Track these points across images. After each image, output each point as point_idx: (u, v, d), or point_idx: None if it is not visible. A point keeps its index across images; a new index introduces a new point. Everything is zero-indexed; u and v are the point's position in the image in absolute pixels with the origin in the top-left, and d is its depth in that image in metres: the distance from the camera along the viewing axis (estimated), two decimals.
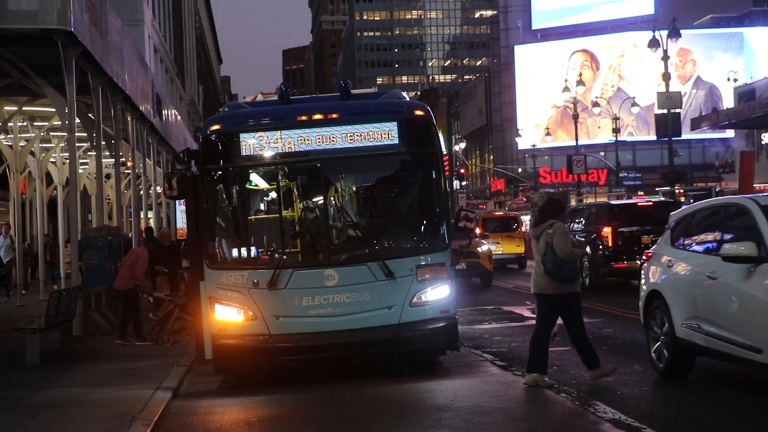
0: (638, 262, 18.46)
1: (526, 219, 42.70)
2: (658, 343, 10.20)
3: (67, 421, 8.91)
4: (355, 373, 11.17)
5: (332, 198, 11.26)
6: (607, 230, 21.89)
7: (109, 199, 33.44)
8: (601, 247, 21.90)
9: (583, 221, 23.91)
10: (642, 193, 62.85)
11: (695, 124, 33.01)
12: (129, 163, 23.32)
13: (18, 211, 26.22)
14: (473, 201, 79.14)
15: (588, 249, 21.93)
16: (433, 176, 11.12)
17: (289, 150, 10.90)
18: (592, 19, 79.87)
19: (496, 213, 43.41)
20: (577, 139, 52.00)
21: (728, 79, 61.52)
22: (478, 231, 32.81)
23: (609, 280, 22.22)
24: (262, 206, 12.38)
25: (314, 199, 11.41)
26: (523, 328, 15.60)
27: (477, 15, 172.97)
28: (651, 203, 24.54)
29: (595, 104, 56.65)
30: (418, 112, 11.07)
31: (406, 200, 11.85)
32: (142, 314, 15.36)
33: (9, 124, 22.71)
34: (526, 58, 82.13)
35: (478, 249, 24.88)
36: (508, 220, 36.12)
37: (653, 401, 9.11)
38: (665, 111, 32.45)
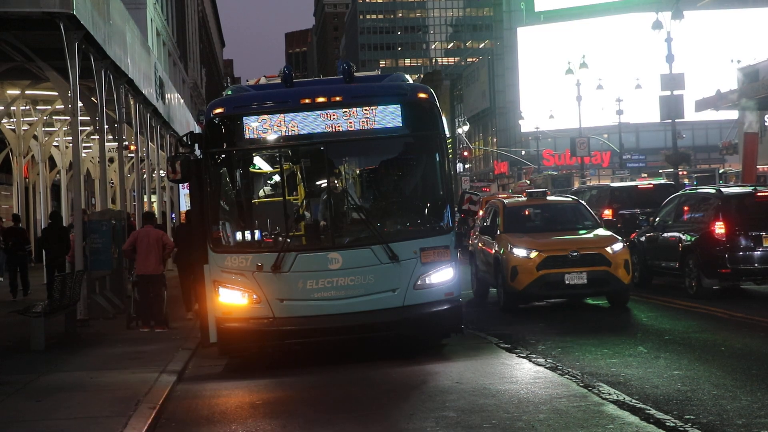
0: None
1: None
2: None
3: (73, 405, 8.93)
4: (360, 356, 11.18)
5: (336, 181, 11.23)
6: (607, 212, 21.92)
7: (112, 183, 33.41)
8: None
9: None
10: (645, 175, 62.78)
11: (700, 106, 32.83)
12: (132, 147, 23.31)
13: (21, 196, 26.21)
14: (477, 184, 79.09)
15: None
16: (437, 159, 11.09)
17: (293, 133, 10.85)
18: (595, 0, 79.47)
19: (500, 195, 43.24)
20: (580, 122, 51.85)
21: (731, 60, 61.23)
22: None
23: None
24: (265, 189, 12.35)
25: (318, 182, 11.38)
26: (527, 310, 15.61)
27: None
28: (651, 186, 24.50)
29: (599, 86, 56.41)
30: (422, 95, 11.02)
31: (410, 183, 11.83)
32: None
33: (12, 107, 22.68)
34: (529, 40, 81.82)
35: (607, 249, 14.98)
36: None
37: (657, 382, 9.10)
38: (669, 92, 32.29)
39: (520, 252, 15.01)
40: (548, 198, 17.62)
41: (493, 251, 15.91)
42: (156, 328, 14.35)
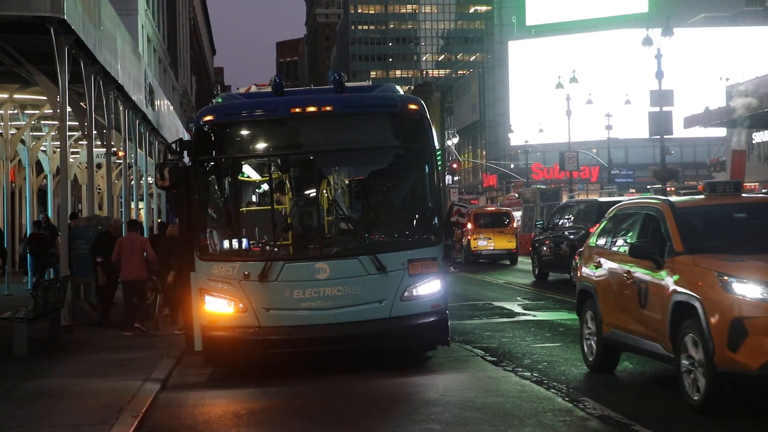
0: None
1: (517, 215, 42.72)
2: None
3: (55, 412, 8.86)
4: (346, 367, 11.15)
5: (325, 191, 11.22)
6: (595, 227, 21.96)
7: (99, 189, 33.26)
8: None
9: (572, 218, 24.07)
10: (633, 190, 62.95)
11: (689, 123, 33.06)
12: (120, 153, 23.18)
13: (8, 200, 26.07)
14: (465, 196, 79.18)
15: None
16: (426, 170, 11.09)
17: (282, 142, 10.84)
18: (586, 16, 79.89)
19: (488, 208, 43.38)
20: (569, 136, 52.02)
21: (720, 78, 61.64)
22: (469, 226, 32.87)
23: None
24: (254, 198, 12.34)
25: (306, 192, 11.36)
26: (514, 323, 15.60)
27: (471, 10, 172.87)
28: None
29: (588, 101, 56.66)
30: (412, 106, 11.04)
31: (399, 194, 11.83)
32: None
33: (0, 111, 22.56)
34: (520, 53, 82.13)
35: None
36: (500, 215, 36.13)
37: (643, 398, 9.10)
38: (658, 108, 32.47)
39: (752, 290, 7.85)
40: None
41: (668, 289, 8.65)
42: (132, 330, 14.47)
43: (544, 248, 25.10)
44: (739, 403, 8.08)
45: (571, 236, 23.15)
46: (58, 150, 21.62)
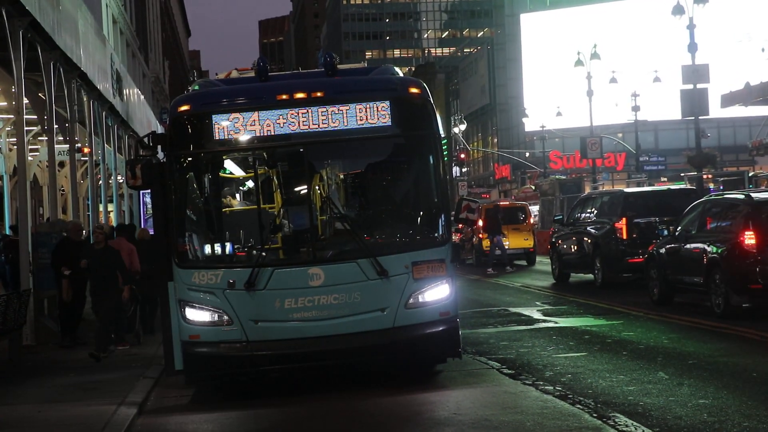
0: None
1: (534, 209, 42.77)
2: None
3: None
4: (345, 384, 11.19)
5: (317, 187, 11.26)
6: (621, 222, 22.06)
7: (63, 191, 33.32)
8: (615, 240, 22.08)
9: (595, 212, 24.09)
10: (665, 179, 63.05)
11: (727, 101, 33.01)
12: (86, 150, 23.25)
13: None
14: (475, 189, 79.33)
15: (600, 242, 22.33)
16: (431, 162, 11.13)
17: (269, 133, 10.87)
18: None
19: (501, 202, 43.45)
20: (591, 119, 52.08)
21: (762, 50, 61.72)
22: (480, 223, 32.95)
23: (624, 276, 22.44)
24: (238, 197, 12.37)
25: (297, 189, 11.41)
26: (533, 331, 15.66)
27: None
28: (669, 191, 24.69)
29: (612, 80, 56.73)
30: (414, 90, 11.07)
31: (401, 189, 11.87)
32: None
33: None
34: (534, 27, 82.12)
35: None
36: (514, 210, 36.17)
37: (681, 413, 9.15)
38: (691, 86, 32.47)
39: None
40: None
41: None
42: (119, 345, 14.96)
43: (565, 246, 25.16)
44: None
45: (595, 232, 23.19)
46: (15, 147, 21.65)
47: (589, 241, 23.32)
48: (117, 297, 14.60)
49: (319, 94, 10.93)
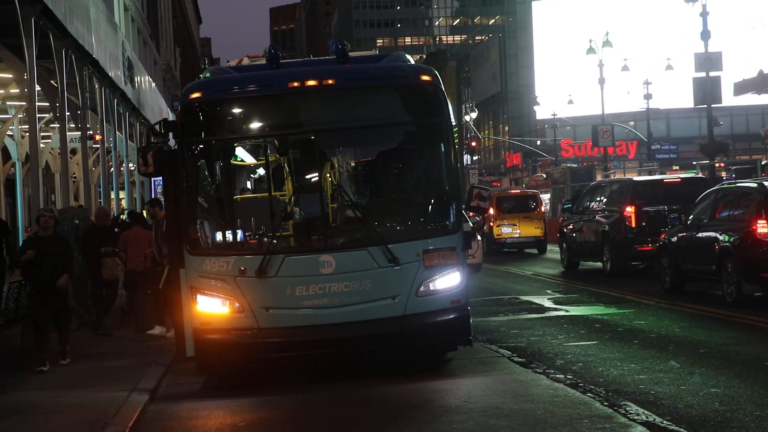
0: None
1: (545, 197, 42.72)
2: None
3: (31, 429, 8.94)
4: (355, 372, 11.21)
5: (328, 175, 11.25)
6: (630, 210, 22.06)
7: (75, 178, 33.40)
8: (623, 228, 22.09)
9: (605, 200, 24.08)
10: (677, 167, 62.87)
11: (740, 89, 32.89)
12: (97, 137, 23.28)
13: None
14: (486, 178, 79.23)
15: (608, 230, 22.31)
16: (442, 150, 11.10)
17: (280, 121, 10.87)
18: None
19: (512, 191, 43.39)
20: (603, 107, 51.91)
21: None
22: (492, 211, 32.93)
23: (632, 264, 22.48)
24: (249, 184, 12.41)
25: (308, 176, 11.40)
26: (544, 320, 15.65)
27: None
28: (679, 180, 24.67)
29: (624, 68, 56.49)
30: (425, 77, 11.04)
31: (412, 177, 11.86)
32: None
33: None
34: (546, 15, 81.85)
35: None
36: (525, 198, 36.14)
37: (692, 401, 9.13)
38: (704, 74, 32.33)
39: None
40: None
41: None
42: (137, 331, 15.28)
43: (574, 234, 25.16)
44: None
45: (604, 220, 23.18)
46: (27, 134, 21.71)
47: (598, 229, 23.31)
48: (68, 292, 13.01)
49: (330, 81, 10.91)
